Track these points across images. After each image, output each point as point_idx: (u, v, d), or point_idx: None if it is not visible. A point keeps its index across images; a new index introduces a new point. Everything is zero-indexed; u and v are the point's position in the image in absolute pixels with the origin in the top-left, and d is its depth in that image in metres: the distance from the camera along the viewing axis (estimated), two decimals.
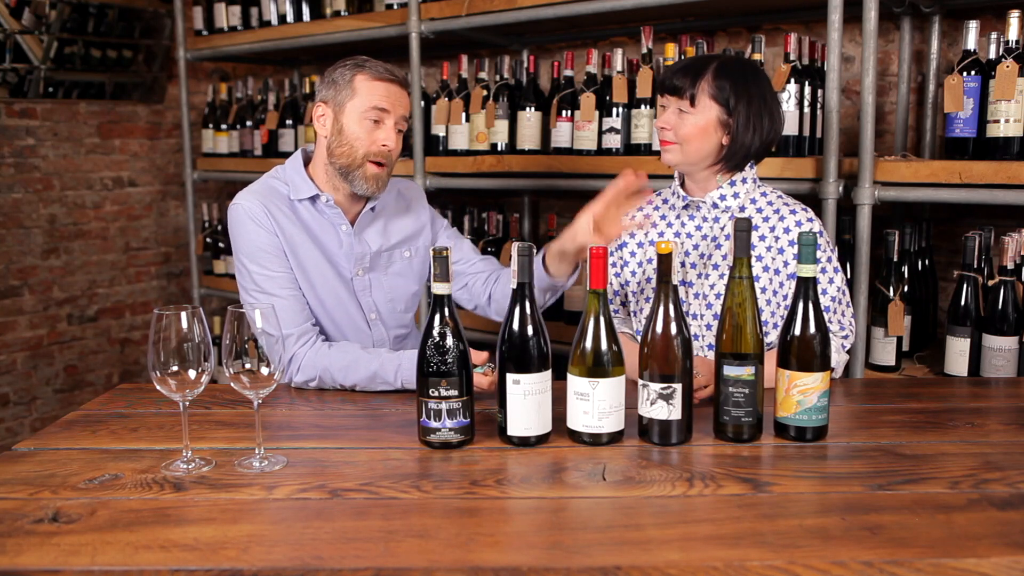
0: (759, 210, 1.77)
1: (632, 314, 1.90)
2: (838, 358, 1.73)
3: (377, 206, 1.91)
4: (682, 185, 1.84)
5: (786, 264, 1.74)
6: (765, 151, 1.78)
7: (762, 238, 1.75)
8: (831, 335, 1.67)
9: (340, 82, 1.79)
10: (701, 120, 1.71)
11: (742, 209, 1.78)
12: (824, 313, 1.62)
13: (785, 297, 1.74)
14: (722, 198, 1.77)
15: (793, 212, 1.75)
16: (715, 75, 1.71)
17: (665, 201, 1.89)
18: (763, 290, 1.75)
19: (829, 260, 1.74)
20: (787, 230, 1.74)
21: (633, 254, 1.89)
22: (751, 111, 1.71)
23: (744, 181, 1.78)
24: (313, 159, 1.88)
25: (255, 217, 1.78)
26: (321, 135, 1.83)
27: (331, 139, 1.81)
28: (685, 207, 1.83)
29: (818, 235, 1.72)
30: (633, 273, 1.89)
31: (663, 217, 1.87)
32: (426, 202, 2.06)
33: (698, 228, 1.81)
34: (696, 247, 1.80)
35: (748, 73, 1.74)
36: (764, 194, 1.80)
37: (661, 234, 1.86)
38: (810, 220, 1.75)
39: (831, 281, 1.73)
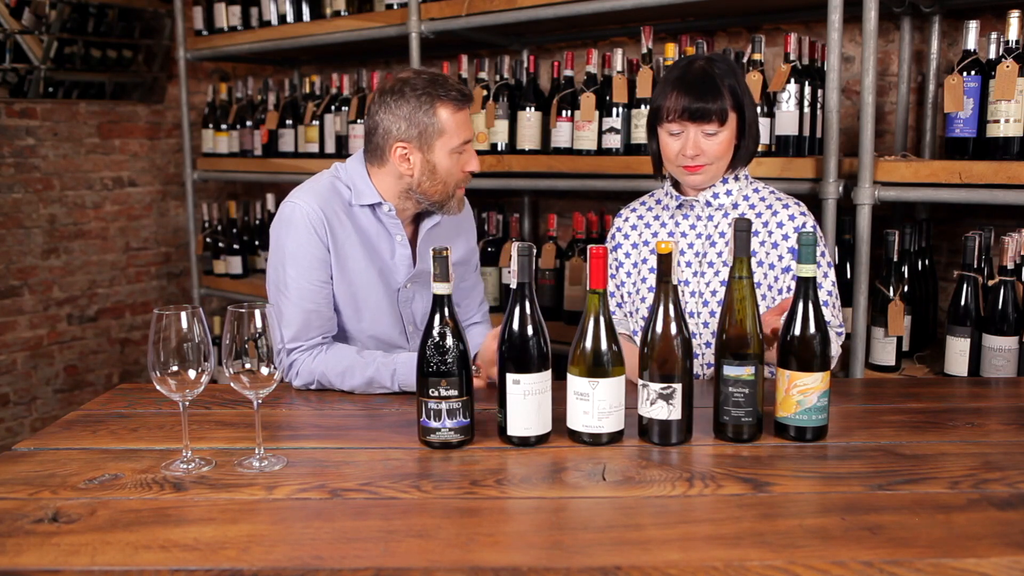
0: (752, 206, 1.78)
1: (628, 315, 1.90)
2: (837, 348, 1.73)
3: (435, 226, 1.86)
4: (675, 185, 1.84)
5: (780, 258, 1.74)
6: (759, 142, 1.80)
7: (755, 233, 1.75)
8: (830, 328, 1.66)
9: (423, 120, 1.69)
10: (728, 132, 1.71)
11: (735, 206, 1.78)
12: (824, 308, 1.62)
13: (780, 292, 1.74)
14: (715, 196, 1.78)
15: (786, 207, 1.76)
16: (721, 80, 1.69)
17: (658, 202, 1.89)
18: (758, 285, 1.75)
19: (823, 255, 1.74)
20: (780, 224, 1.75)
21: (628, 255, 1.89)
22: (749, 101, 1.73)
23: (736, 179, 1.79)
24: (379, 177, 1.78)
25: (314, 224, 1.72)
26: (405, 173, 1.74)
27: (422, 177, 1.73)
28: (679, 206, 1.83)
29: (814, 228, 1.74)
30: (628, 274, 1.89)
31: (656, 217, 1.87)
32: (473, 222, 2.03)
33: (692, 227, 1.82)
34: (691, 246, 1.81)
35: (733, 65, 1.74)
36: (756, 190, 1.80)
37: (655, 234, 1.86)
38: (803, 214, 1.76)
39: (825, 275, 1.74)
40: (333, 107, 3.20)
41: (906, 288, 2.19)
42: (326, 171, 1.84)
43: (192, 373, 1.25)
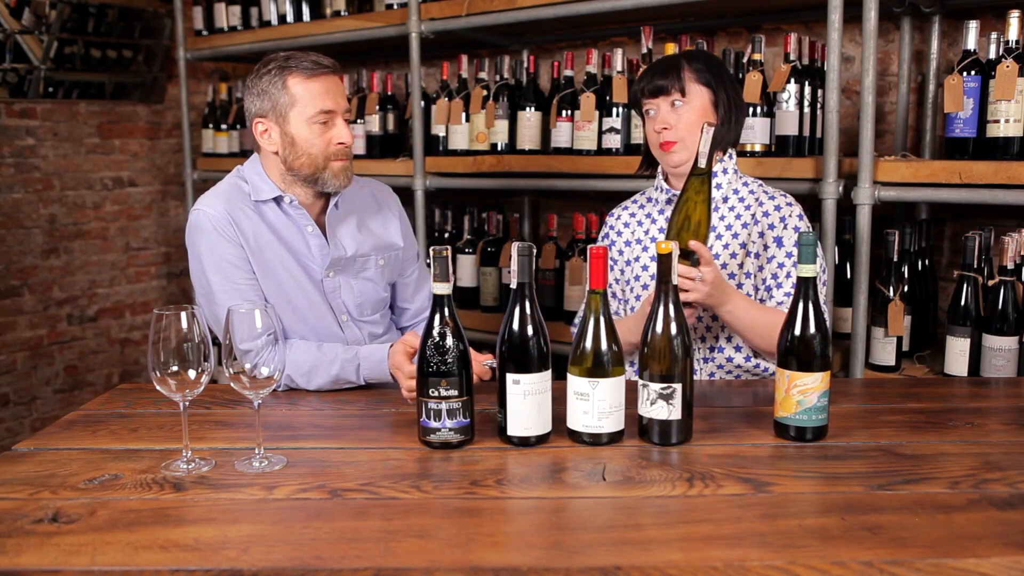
0: (741, 199, 1.82)
1: (616, 313, 1.91)
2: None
3: (341, 203, 1.83)
4: (666, 180, 1.85)
5: (766, 248, 1.78)
6: (740, 130, 1.85)
7: (738, 216, 1.80)
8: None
9: (273, 91, 1.71)
10: (697, 105, 1.75)
11: (725, 200, 1.80)
12: None
13: (764, 280, 1.77)
14: None
15: (772, 198, 1.81)
16: (689, 62, 1.76)
17: (649, 199, 1.91)
18: (748, 275, 1.78)
19: (801, 218, 1.79)
20: (766, 214, 1.79)
21: (621, 252, 1.91)
22: (728, 86, 1.77)
23: (725, 171, 1.81)
24: (265, 167, 1.80)
25: (219, 226, 1.72)
26: (270, 150, 1.75)
27: (285, 152, 1.74)
28: (668, 201, 1.84)
29: (800, 219, 1.79)
30: (622, 271, 1.90)
31: (648, 215, 1.89)
32: (399, 209, 2.00)
33: None
34: None
35: (711, 55, 1.82)
36: (746, 184, 1.83)
37: (646, 231, 1.88)
38: (789, 204, 1.80)
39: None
40: None
41: (906, 288, 2.19)
42: (230, 173, 1.84)
43: (192, 373, 1.25)
